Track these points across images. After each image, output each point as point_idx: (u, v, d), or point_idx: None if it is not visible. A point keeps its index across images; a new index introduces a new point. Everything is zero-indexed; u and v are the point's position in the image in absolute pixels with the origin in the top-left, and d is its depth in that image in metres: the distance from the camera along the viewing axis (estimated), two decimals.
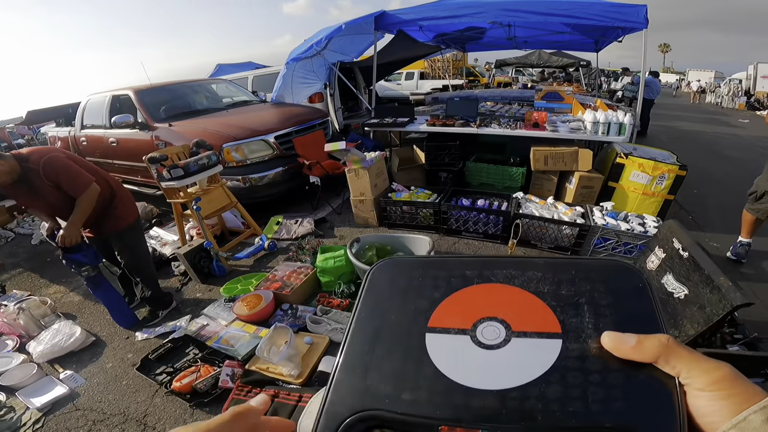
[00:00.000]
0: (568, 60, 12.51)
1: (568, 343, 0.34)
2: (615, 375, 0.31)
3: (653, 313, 0.34)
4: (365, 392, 0.34)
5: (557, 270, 0.39)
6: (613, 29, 5.29)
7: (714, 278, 1.89)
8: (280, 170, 4.25)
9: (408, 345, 0.37)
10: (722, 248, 3.32)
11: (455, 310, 0.38)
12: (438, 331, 0.37)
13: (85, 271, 2.58)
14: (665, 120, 11.45)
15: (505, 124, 4.40)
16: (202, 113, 4.93)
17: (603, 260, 0.40)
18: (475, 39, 8.19)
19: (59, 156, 2.40)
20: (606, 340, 0.32)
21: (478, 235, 3.54)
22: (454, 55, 13.71)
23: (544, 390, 0.31)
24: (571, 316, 0.35)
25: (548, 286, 0.38)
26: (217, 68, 11.23)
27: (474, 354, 0.34)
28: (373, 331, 0.39)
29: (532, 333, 0.35)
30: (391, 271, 0.44)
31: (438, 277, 0.42)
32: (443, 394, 0.32)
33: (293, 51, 5.75)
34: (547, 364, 0.32)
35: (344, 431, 0.33)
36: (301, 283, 2.89)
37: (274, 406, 1.97)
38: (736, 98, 16.35)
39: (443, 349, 0.35)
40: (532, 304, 0.37)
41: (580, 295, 0.37)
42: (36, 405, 2.20)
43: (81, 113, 5.58)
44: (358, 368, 0.36)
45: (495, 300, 0.38)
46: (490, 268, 0.41)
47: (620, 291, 0.37)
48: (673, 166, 3.37)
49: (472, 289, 0.40)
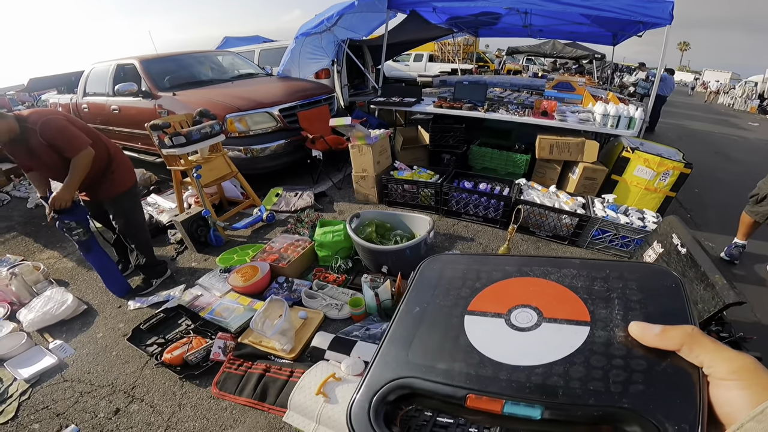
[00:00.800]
0: (582, 52, 12.23)
1: (595, 330, 0.36)
2: (638, 361, 0.32)
3: (684, 311, 0.35)
4: (406, 362, 0.38)
5: (592, 268, 0.42)
6: (634, 23, 5.16)
7: (709, 275, 1.90)
8: (283, 143, 4.22)
9: (448, 324, 0.41)
10: (717, 248, 3.33)
11: (493, 298, 0.42)
12: (476, 314, 0.41)
13: (76, 234, 2.54)
14: (676, 118, 11.31)
15: (512, 110, 4.35)
16: (206, 84, 4.89)
17: (639, 263, 0.42)
18: (489, 24, 8.02)
19: (57, 117, 2.37)
20: (633, 328, 0.33)
21: (477, 219, 3.54)
22: (466, 39, 13.47)
23: (567, 369, 0.33)
24: (601, 308, 0.37)
25: (582, 282, 0.41)
26: (224, 41, 11.07)
27: (506, 334, 0.38)
28: (419, 312, 0.43)
29: (562, 320, 0.37)
30: (439, 264, 0.50)
31: (480, 270, 0.46)
32: (474, 366, 0.35)
33: (303, 26, 5.64)
34: (574, 347, 0.35)
35: (382, 396, 0.36)
36: (298, 256, 2.89)
37: (265, 381, 1.98)
38: (748, 101, 16.11)
39: (479, 329, 0.39)
40: (564, 296, 0.40)
41: (612, 290, 0.39)
42: (24, 376, 2.18)
43: (84, 81, 5.53)
44: (402, 342, 0.40)
45: (530, 291, 0.41)
46: (528, 265, 0.45)
47: (653, 289, 0.38)
48: (678, 164, 3.34)
49: (510, 281, 0.43)
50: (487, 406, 0.33)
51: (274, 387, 1.94)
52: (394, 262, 2.70)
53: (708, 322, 1.89)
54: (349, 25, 5.96)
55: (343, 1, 5.30)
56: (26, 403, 2.06)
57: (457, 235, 3.38)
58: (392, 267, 2.70)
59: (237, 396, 1.95)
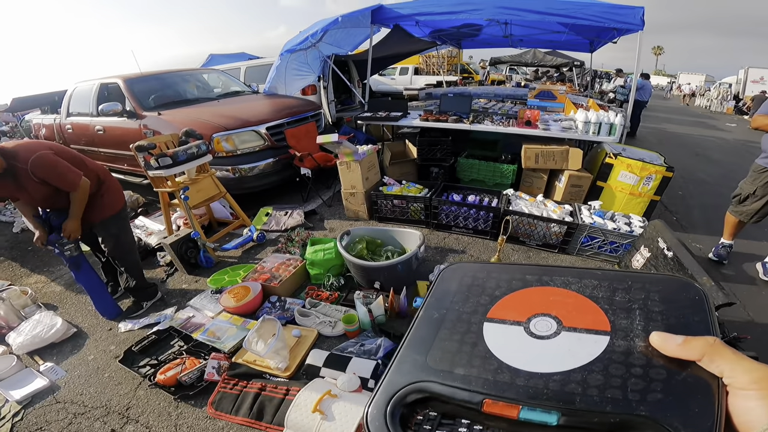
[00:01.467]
0: (562, 60, 12.55)
1: (616, 339, 0.36)
2: (657, 370, 0.32)
3: (707, 322, 0.35)
4: (424, 366, 0.38)
5: (613, 279, 0.42)
6: (608, 30, 5.33)
7: (697, 278, 1.93)
8: (271, 161, 4.21)
9: (467, 331, 0.41)
10: (705, 249, 3.39)
11: (513, 306, 0.42)
12: (495, 322, 0.41)
13: (68, 249, 2.54)
14: (655, 122, 11.61)
15: (497, 121, 4.42)
16: (192, 103, 4.87)
17: (662, 274, 0.42)
18: (471, 36, 8.19)
19: (47, 154, 2.35)
20: (654, 337, 0.33)
21: (467, 231, 3.56)
22: (449, 51, 13.71)
23: (586, 377, 0.33)
24: (622, 318, 0.38)
25: (603, 293, 0.41)
26: (209, 58, 11.08)
27: (525, 342, 0.38)
28: (438, 318, 0.43)
29: (581, 329, 0.37)
30: (459, 272, 0.50)
31: (500, 279, 0.46)
32: (492, 372, 0.36)
33: (288, 42, 5.69)
34: (593, 355, 0.35)
35: (399, 398, 0.36)
36: (289, 275, 2.87)
37: (261, 400, 1.96)
38: (724, 102, 16.62)
39: (498, 336, 0.39)
40: (585, 306, 0.40)
41: (634, 301, 0.39)
42: (15, 398, 2.16)
43: (67, 101, 5.47)
44: (420, 347, 0.40)
45: (551, 300, 0.41)
46: (549, 274, 0.45)
47: (675, 301, 0.38)
48: (660, 168, 3.42)
49: (530, 290, 0.43)
50: (503, 411, 0.33)
51: (271, 406, 1.92)
52: (386, 278, 2.69)
53: None
54: (333, 41, 6.04)
55: (327, 17, 5.38)
56: (19, 425, 2.03)
57: (448, 248, 3.40)
58: (384, 282, 2.70)
59: (233, 415, 1.92)
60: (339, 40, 6.11)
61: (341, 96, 7.35)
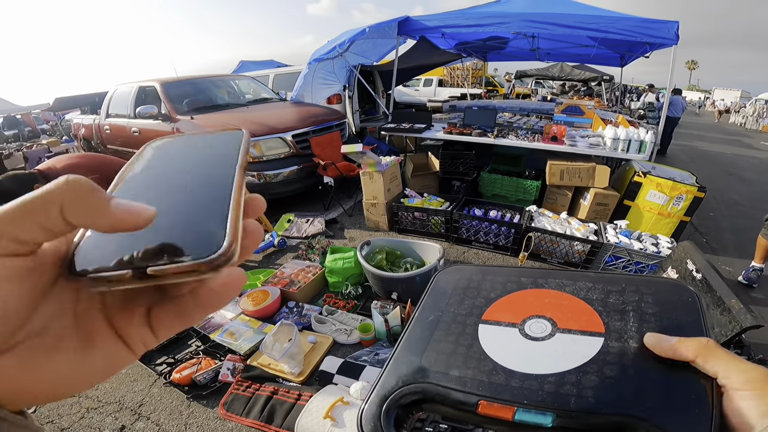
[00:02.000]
0: (590, 74, 12.34)
1: (610, 341, 0.36)
2: (652, 372, 0.32)
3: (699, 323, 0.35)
4: (419, 368, 0.38)
5: (608, 282, 0.42)
6: (641, 44, 5.23)
7: (726, 300, 1.90)
8: (295, 168, 4.30)
9: (462, 332, 0.41)
10: (734, 272, 3.28)
11: (508, 308, 0.42)
12: (490, 323, 0.41)
13: None
14: (686, 139, 11.25)
15: (522, 136, 4.38)
16: (223, 108, 5.02)
17: (655, 277, 0.42)
18: (497, 48, 8.18)
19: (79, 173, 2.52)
20: (648, 338, 0.34)
21: (488, 246, 3.53)
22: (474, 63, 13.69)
23: (580, 378, 0.33)
24: (616, 320, 0.38)
25: (597, 294, 0.41)
26: (240, 65, 11.42)
27: (520, 344, 0.38)
28: (433, 320, 0.43)
29: (576, 330, 0.38)
30: (455, 274, 0.50)
31: (495, 281, 0.46)
32: (487, 373, 0.36)
33: (316, 51, 5.82)
34: (587, 357, 0.35)
35: (394, 400, 0.36)
36: (308, 282, 2.91)
37: (272, 403, 1.98)
38: (760, 119, 15.96)
39: (493, 338, 0.39)
40: (579, 308, 0.40)
41: (628, 303, 0.39)
42: None
43: (107, 102, 5.73)
44: (415, 348, 0.41)
45: (545, 302, 0.42)
46: (544, 277, 0.45)
47: (668, 303, 0.38)
48: (692, 188, 3.31)
49: (525, 293, 0.44)
50: (498, 413, 0.33)
51: (282, 410, 1.94)
52: (404, 289, 2.70)
53: (726, 346, 1.87)
54: (360, 51, 6.14)
55: (355, 28, 5.48)
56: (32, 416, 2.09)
57: (467, 263, 3.37)
58: (402, 294, 2.70)
59: (244, 417, 1.95)
60: (365, 50, 6.21)
61: (365, 106, 7.44)
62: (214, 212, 0.23)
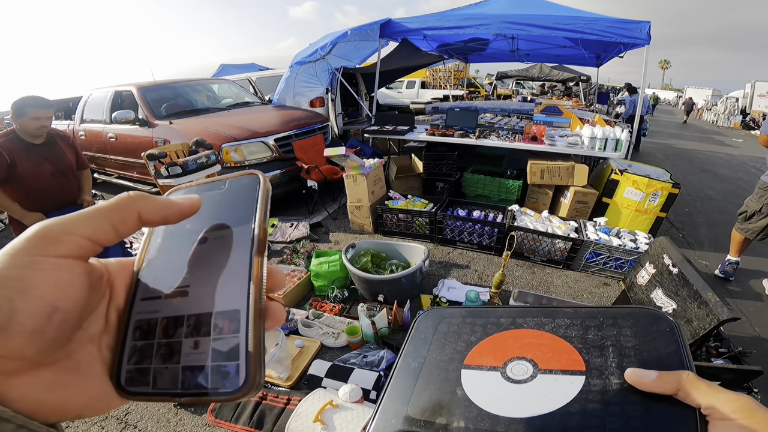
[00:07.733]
0: (568, 74, 12.59)
1: (591, 379, 0.36)
2: (635, 407, 0.33)
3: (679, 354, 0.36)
4: (406, 418, 0.39)
5: (585, 317, 0.43)
6: (615, 45, 5.37)
7: (702, 294, 1.94)
8: (278, 173, 4.26)
9: (445, 379, 0.41)
10: (711, 266, 3.39)
11: (489, 351, 0.43)
12: (472, 368, 0.41)
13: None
14: (661, 137, 11.60)
15: (503, 136, 4.45)
16: (203, 112, 4.95)
17: (631, 307, 0.42)
18: (478, 50, 8.29)
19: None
20: (629, 374, 0.34)
21: (472, 246, 3.57)
22: (456, 65, 13.82)
23: (564, 419, 0.34)
24: (596, 357, 0.38)
25: (576, 331, 0.41)
26: (220, 68, 11.26)
27: (503, 388, 0.38)
28: (416, 367, 0.44)
29: (557, 370, 0.38)
30: (435, 318, 0.50)
31: (475, 324, 0.46)
32: (473, 420, 0.36)
33: (298, 54, 5.79)
34: (569, 397, 0.35)
35: None
36: (294, 286, 2.89)
37: (262, 408, 1.97)
38: (731, 117, 16.57)
39: (476, 383, 0.40)
40: (559, 346, 0.40)
41: (606, 338, 0.39)
42: None
43: (82, 107, 5.57)
44: (401, 397, 0.41)
45: (525, 343, 0.42)
46: (522, 316, 0.45)
47: (646, 334, 0.39)
48: (667, 184, 3.41)
49: (505, 334, 0.44)
50: None
51: (271, 415, 1.93)
52: (390, 291, 2.70)
53: (705, 339, 1.92)
54: (342, 54, 6.12)
55: (337, 30, 5.48)
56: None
57: (452, 263, 3.40)
58: (388, 296, 2.71)
59: (233, 424, 1.93)
60: (348, 53, 6.21)
61: (348, 109, 7.42)
62: (234, 331, 0.25)
